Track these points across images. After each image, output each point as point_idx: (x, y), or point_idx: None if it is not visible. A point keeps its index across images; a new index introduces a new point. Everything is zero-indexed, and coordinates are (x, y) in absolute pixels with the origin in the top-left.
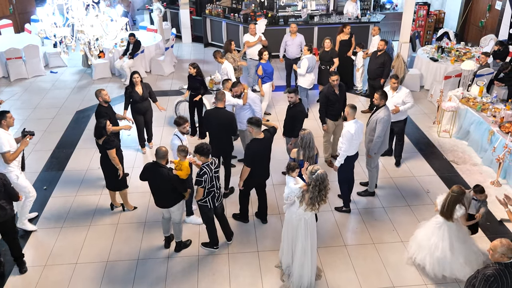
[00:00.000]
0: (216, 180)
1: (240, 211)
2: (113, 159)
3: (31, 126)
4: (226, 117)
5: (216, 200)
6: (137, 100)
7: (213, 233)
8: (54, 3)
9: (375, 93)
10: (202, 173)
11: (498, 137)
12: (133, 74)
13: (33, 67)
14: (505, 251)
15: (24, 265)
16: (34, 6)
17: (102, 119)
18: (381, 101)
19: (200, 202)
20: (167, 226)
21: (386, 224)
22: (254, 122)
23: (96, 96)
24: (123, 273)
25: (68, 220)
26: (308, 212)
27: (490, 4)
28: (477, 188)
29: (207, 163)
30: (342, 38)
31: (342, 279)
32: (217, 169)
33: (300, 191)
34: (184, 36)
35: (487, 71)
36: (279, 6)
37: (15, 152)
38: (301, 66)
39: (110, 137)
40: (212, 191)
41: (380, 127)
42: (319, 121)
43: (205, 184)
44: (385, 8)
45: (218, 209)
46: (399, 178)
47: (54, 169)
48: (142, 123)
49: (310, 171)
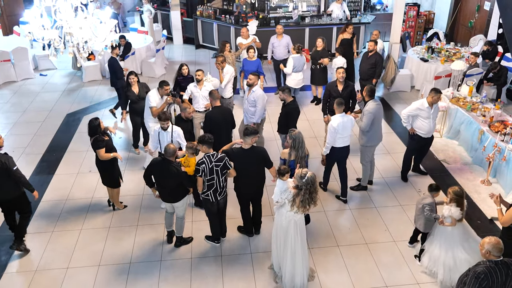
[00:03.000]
0: (218, 174)
1: (243, 225)
2: (101, 158)
3: (20, 130)
4: (227, 113)
5: (218, 194)
6: (133, 100)
7: (214, 228)
8: (41, 5)
9: (364, 89)
10: (200, 162)
11: (488, 136)
12: (130, 74)
13: (22, 70)
14: (490, 248)
15: (21, 244)
16: (23, 8)
17: (94, 118)
18: (366, 96)
19: (203, 195)
20: (170, 220)
21: (378, 224)
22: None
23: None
24: (115, 277)
25: (59, 224)
26: (298, 214)
27: (479, 5)
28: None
29: (208, 154)
30: (344, 37)
31: (335, 280)
32: (218, 162)
33: (291, 195)
34: (175, 37)
35: (476, 71)
36: (270, 8)
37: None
38: (287, 65)
39: (99, 137)
40: (213, 184)
41: (365, 120)
42: (310, 121)
43: (203, 174)
44: (376, 9)
45: (220, 204)
46: (391, 178)
47: (45, 172)
48: (138, 124)
49: (299, 176)
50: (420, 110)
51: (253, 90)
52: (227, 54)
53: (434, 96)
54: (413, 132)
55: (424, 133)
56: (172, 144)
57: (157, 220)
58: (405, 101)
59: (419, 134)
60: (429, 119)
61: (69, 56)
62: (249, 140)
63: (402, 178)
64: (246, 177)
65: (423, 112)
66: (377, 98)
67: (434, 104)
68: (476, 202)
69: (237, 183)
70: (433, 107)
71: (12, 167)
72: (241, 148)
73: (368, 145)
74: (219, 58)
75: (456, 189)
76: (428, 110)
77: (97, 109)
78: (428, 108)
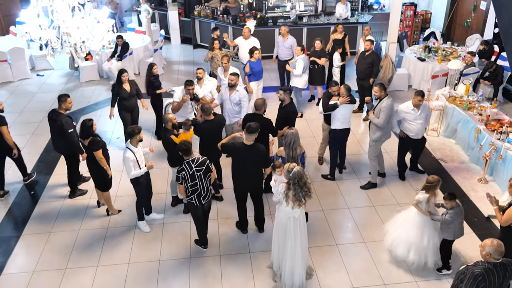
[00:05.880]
0: (201, 178)
1: (239, 220)
2: (99, 160)
3: (18, 130)
4: (220, 126)
5: (202, 198)
6: (125, 97)
7: (200, 231)
8: (38, 5)
9: (374, 87)
10: (180, 170)
11: (484, 135)
12: (122, 72)
13: (19, 70)
14: (492, 251)
15: (75, 193)
16: (19, 8)
17: (87, 119)
18: (381, 92)
19: (187, 199)
20: (174, 187)
21: (376, 223)
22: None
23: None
24: (113, 277)
25: (57, 225)
26: (297, 209)
27: (475, 4)
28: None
29: (188, 160)
30: (335, 37)
31: (334, 278)
32: (200, 167)
33: (283, 190)
34: (173, 37)
35: (473, 70)
36: (268, 7)
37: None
38: (297, 66)
39: (96, 138)
40: (197, 188)
41: (383, 116)
42: (309, 121)
43: (184, 181)
44: (373, 8)
45: (205, 208)
46: (388, 176)
47: (42, 173)
48: (129, 121)
49: (287, 170)
50: (405, 113)
51: (237, 90)
52: (216, 52)
53: (415, 98)
54: (402, 135)
55: (413, 135)
56: (170, 113)
57: (155, 221)
58: (402, 100)
59: (409, 135)
60: (416, 121)
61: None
62: (253, 137)
63: (400, 177)
64: (244, 172)
65: (408, 114)
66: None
67: (421, 105)
68: (473, 200)
69: (235, 177)
70: (421, 109)
71: (68, 129)
72: (243, 143)
73: (380, 140)
74: (225, 58)
75: (430, 178)
76: (413, 112)
77: (95, 109)
78: (413, 110)
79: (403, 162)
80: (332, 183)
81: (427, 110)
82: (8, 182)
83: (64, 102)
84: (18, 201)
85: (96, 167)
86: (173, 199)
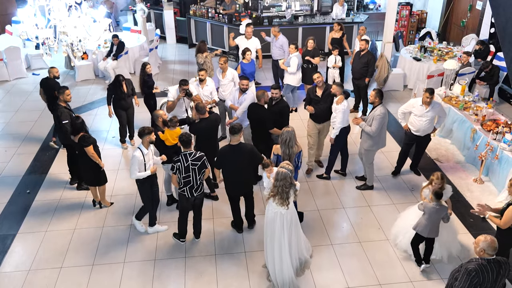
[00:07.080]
0: (195, 172)
1: (233, 220)
2: (91, 155)
3: (13, 129)
4: (216, 123)
5: (194, 191)
6: (122, 97)
7: (182, 225)
8: (35, 4)
9: (372, 91)
10: (176, 160)
11: (480, 135)
12: (120, 79)
13: (15, 69)
14: (485, 247)
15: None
16: (16, 7)
17: (75, 116)
18: (375, 99)
19: (179, 190)
20: (168, 185)
21: (371, 223)
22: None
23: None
24: (109, 276)
25: (53, 224)
26: (283, 207)
27: (471, 4)
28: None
29: (185, 152)
30: (333, 36)
31: (329, 278)
32: (196, 162)
33: (271, 185)
34: (168, 37)
35: (468, 70)
36: (263, 7)
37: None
38: (291, 64)
39: (86, 134)
40: (189, 180)
41: (375, 124)
42: (304, 120)
43: (178, 171)
44: (369, 8)
45: (197, 201)
46: (384, 176)
47: (38, 172)
48: (124, 119)
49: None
50: (413, 107)
51: (246, 93)
52: (206, 53)
53: (423, 94)
54: (407, 129)
55: (415, 130)
56: (161, 110)
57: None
58: (398, 100)
59: (411, 130)
60: (421, 118)
61: (63, 55)
62: (237, 137)
63: (393, 173)
64: (233, 174)
65: (415, 109)
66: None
67: (431, 104)
68: (468, 200)
69: (226, 180)
70: (430, 107)
71: (62, 120)
72: (229, 145)
73: (371, 149)
74: (222, 59)
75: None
76: (421, 108)
77: (90, 108)
78: (421, 106)
79: (403, 156)
80: (328, 182)
81: (438, 111)
82: (5, 178)
83: (62, 94)
84: (14, 200)
85: (89, 165)
86: (168, 198)
